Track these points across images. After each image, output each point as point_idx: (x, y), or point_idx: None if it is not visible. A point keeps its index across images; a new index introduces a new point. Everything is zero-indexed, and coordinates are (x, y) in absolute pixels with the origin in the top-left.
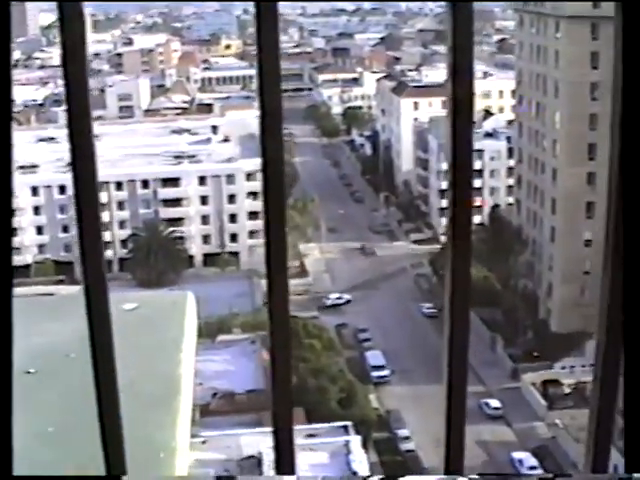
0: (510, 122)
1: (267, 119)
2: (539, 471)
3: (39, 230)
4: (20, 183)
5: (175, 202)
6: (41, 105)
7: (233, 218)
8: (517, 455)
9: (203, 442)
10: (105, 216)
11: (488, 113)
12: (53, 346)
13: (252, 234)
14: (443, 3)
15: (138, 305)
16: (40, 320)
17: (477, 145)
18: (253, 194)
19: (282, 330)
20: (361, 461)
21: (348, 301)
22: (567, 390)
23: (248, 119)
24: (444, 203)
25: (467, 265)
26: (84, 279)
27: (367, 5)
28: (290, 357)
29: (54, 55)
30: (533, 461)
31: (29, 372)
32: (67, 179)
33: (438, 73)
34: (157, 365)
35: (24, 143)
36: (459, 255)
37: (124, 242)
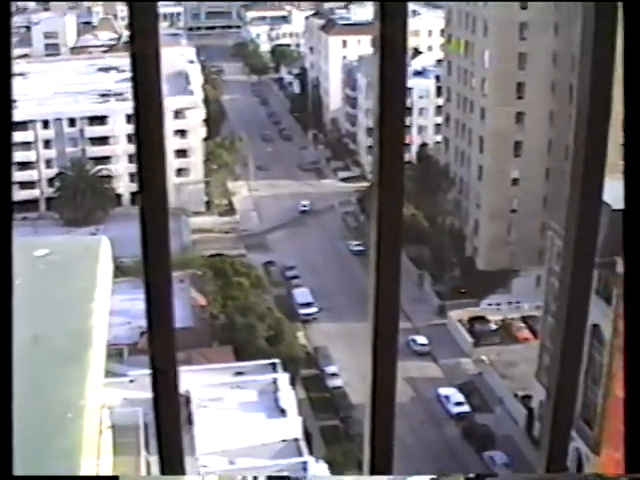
0: (439, 61)
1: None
2: (465, 407)
3: None
4: None
5: (102, 140)
6: None
7: None
8: (443, 391)
9: (131, 381)
10: (32, 155)
11: (417, 52)
12: None
13: (179, 172)
14: None
15: (50, 251)
16: None
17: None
18: (180, 132)
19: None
20: (289, 398)
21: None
22: (493, 327)
23: (175, 57)
24: (372, 141)
25: (398, 206)
26: None
27: None
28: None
29: None
30: (459, 397)
31: None
32: None
33: (367, 11)
34: (67, 317)
35: None
36: (390, 195)
37: (51, 181)
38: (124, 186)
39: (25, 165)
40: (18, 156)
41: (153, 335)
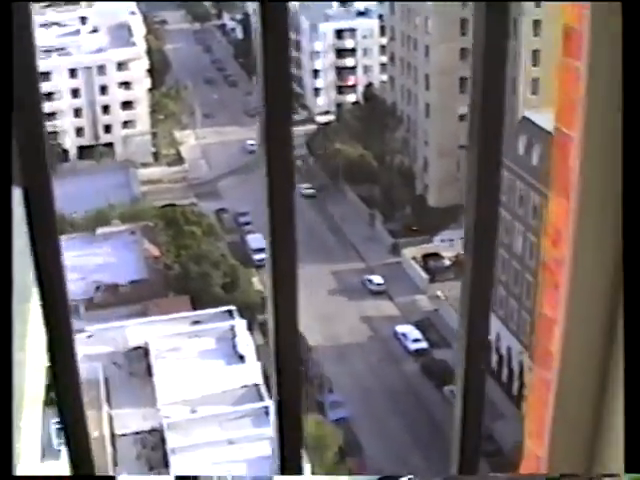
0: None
1: None
2: (423, 343)
3: None
4: None
5: (46, 96)
6: None
7: (106, 109)
8: (400, 329)
9: (89, 337)
10: None
11: None
12: None
13: (126, 124)
14: None
15: None
16: None
17: (349, 24)
18: (125, 84)
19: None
20: (247, 344)
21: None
22: (447, 262)
23: (117, 8)
24: (318, 83)
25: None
26: None
27: None
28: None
29: None
30: (416, 333)
31: None
32: None
33: None
34: None
35: None
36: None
37: None
38: (71, 141)
39: None
40: None
41: (46, 306)
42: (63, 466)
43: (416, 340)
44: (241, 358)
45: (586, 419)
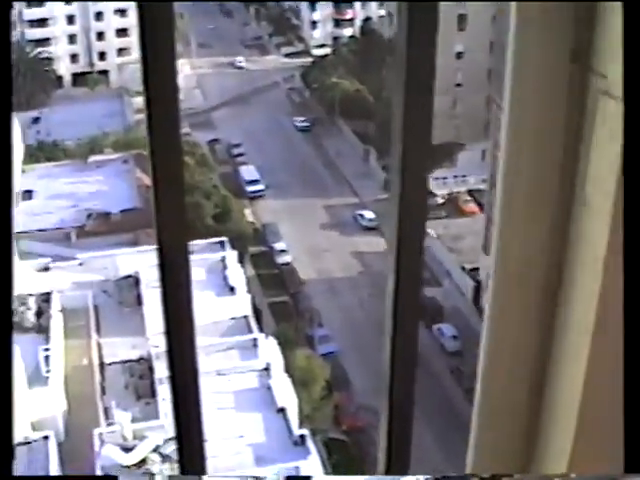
0: None
1: None
2: None
3: None
4: None
5: (41, 22)
6: None
7: (101, 36)
8: None
9: (80, 264)
10: None
11: None
12: None
13: (120, 52)
14: None
15: None
16: None
17: None
18: (121, 11)
19: None
20: (238, 276)
21: None
22: (440, 200)
23: None
24: (315, 16)
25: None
26: None
27: None
28: None
29: None
30: None
31: None
32: None
33: None
34: None
35: None
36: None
37: None
38: (65, 68)
39: None
40: None
41: None
42: (50, 392)
43: None
44: (231, 290)
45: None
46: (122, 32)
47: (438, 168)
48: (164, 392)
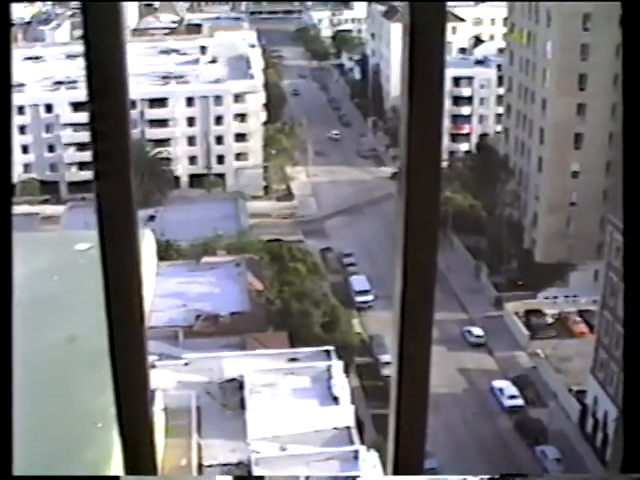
0: (501, 50)
1: None
2: (519, 400)
3: (24, 149)
4: None
5: (162, 123)
6: (28, 23)
7: (220, 140)
8: (497, 384)
9: (185, 364)
10: None
11: (479, 40)
12: None
13: (238, 156)
14: None
15: (91, 245)
16: None
17: (467, 72)
18: (240, 116)
19: None
20: (342, 386)
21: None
22: (550, 320)
23: (237, 40)
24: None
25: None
26: None
27: None
28: None
29: None
30: (513, 390)
31: None
32: (54, 98)
33: None
34: (104, 317)
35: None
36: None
37: None
38: (183, 168)
39: (84, 146)
40: (78, 137)
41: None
42: None
43: (512, 396)
44: (335, 400)
45: None
46: (241, 137)
47: (549, 287)
48: None
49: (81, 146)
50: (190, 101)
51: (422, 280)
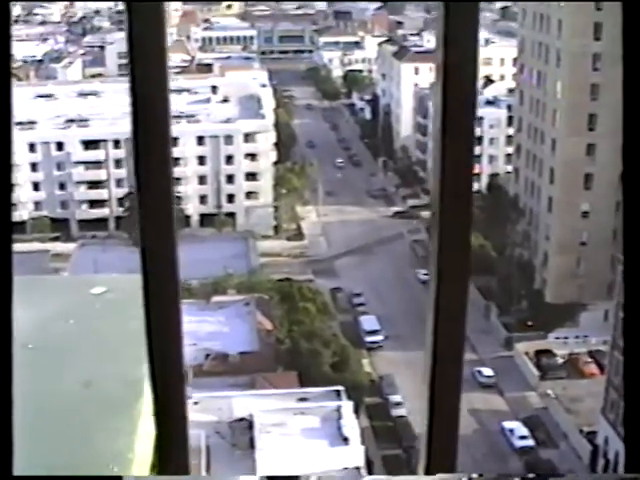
0: (511, 90)
1: None
2: (530, 441)
3: (35, 187)
4: (17, 139)
5: (173, 161)
6: (40, 61)
7: (230, 179)
8: (508, 425)
9: (195, 403)
10: (102, 174)
11: (489, 80)
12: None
13: (249, 195)
14: None
15: (107, 289)
16: None
17: (477, 112)
18: (251, 155)
19: None
20: (352, 426)
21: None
22: (560, 360)
23: (248, 80)
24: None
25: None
26: None
27: None
28: None
29: (54, 11)
30: (524, 431)
31: None
32: (65, 136)
33: None
34: (120, 361)
35: (22, 99)
36: (457, 225)
37: (121, 200)
38: (193, 207)
39: (96, 184)
40: (89, 175)
41: (157, 373)
42: None
43: (523, 437)
44: (345, 440)
45: None
46: (251, 176)
47: (560, 327)
48: None
49: (92, 184)
50: (201, 140)
51: (453, 325)
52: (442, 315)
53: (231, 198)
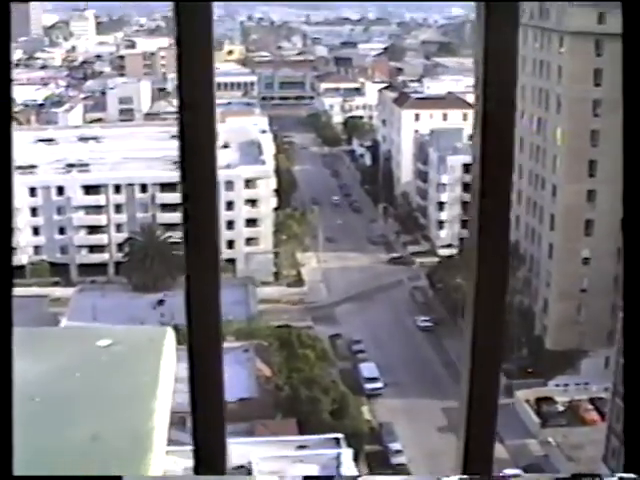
0: None
1: None
2: None
3: (35, 231)
4: (18, 183)
5: (173, 207)
6: (41, 106)
7: (230, 225)
8: (509, 472)
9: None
10: (102, 219)
11: None
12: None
13: (249, 241)
14: (447, 14)
15: (113, 342)
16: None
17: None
18: (251, 201)
19: None
20: (352, 473)
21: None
22: (561, 408)
23: (248, 126)
24: (443, 216)
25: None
26: None
27: (371, 15)
28: None
29: (56, 56)
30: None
31: None
32: (65, 180)
33: (440, 85)
34: (128, 415)
35: (23, 143)
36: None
37: (121, 246)
38: None
39: (96, 229)
40: (89, 220)
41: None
42: None
43: None
44: None
45: None
46: (251, 222)
47: (560, 374)
48: None
49: (92, 229)
50: None
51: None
52: (478, 362)
53: (231, 244)
